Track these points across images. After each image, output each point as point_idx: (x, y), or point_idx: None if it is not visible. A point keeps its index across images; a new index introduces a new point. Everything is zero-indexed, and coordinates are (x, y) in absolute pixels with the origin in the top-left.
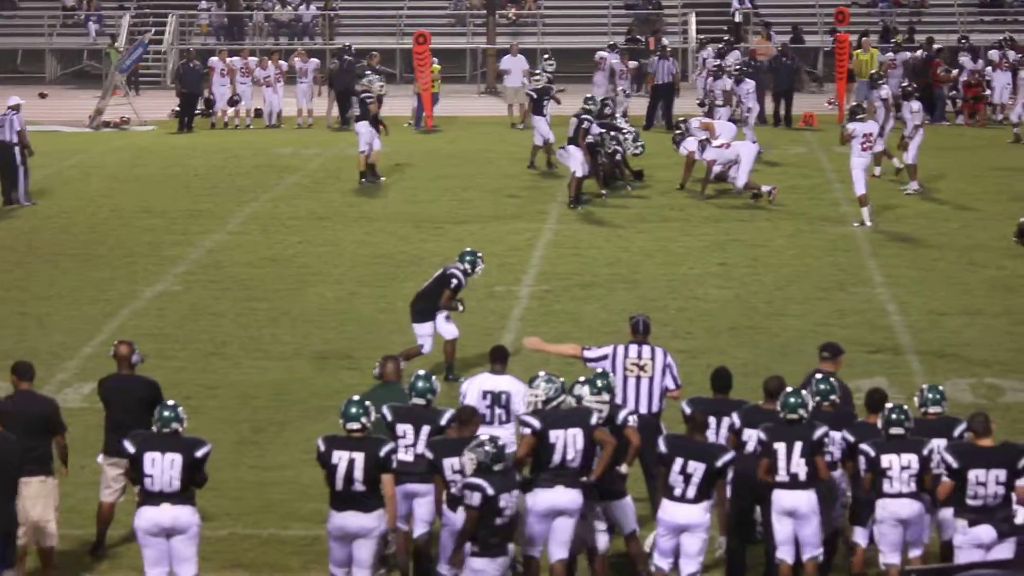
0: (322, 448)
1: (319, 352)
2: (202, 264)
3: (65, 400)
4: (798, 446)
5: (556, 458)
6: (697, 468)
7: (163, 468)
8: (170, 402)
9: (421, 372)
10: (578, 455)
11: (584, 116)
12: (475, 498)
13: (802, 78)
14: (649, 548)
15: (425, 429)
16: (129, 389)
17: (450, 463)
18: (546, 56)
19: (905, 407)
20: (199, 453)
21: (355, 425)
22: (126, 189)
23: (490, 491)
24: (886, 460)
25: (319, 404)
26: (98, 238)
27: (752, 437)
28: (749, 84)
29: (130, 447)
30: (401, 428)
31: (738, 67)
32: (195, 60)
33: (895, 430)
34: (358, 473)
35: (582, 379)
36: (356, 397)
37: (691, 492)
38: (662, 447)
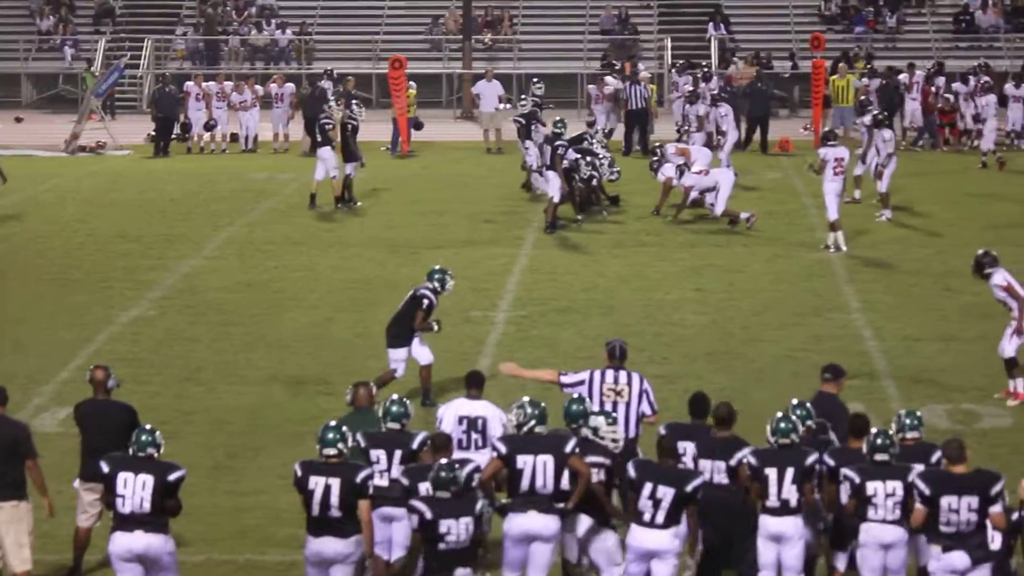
0: (299, 473)
1: (294, 377)
2: (177, 289)
3: (41, 425)
4: (790, 472)
5: (524, 484)
6: (667, 493)
7: (134, 489)
8: (147, 426)
9: (395, 397)
10: (548, 481)
11: (558, 142)
12: (414, 520)
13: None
14: None
15: (398, 453)
16: (105, 414)
17: (425, 487)
18: (535, 81)
19: (891, 433)
20: (172, 477)
21: (332, 451)
22: (101, 214)
23: (428, 515)
24: (871, 487)
25: (294, 429)
26: (73, 263)
27: (710, 468)
28: (725, 108)
29: (104, 467)
30: (375, 454)
31: (714, 91)
32: (171, 85)
33: (880, 456)
34: (334, 499)
35: (596, 409)
36: (333, 423)
37: (660, 517)
38: (631, 472)
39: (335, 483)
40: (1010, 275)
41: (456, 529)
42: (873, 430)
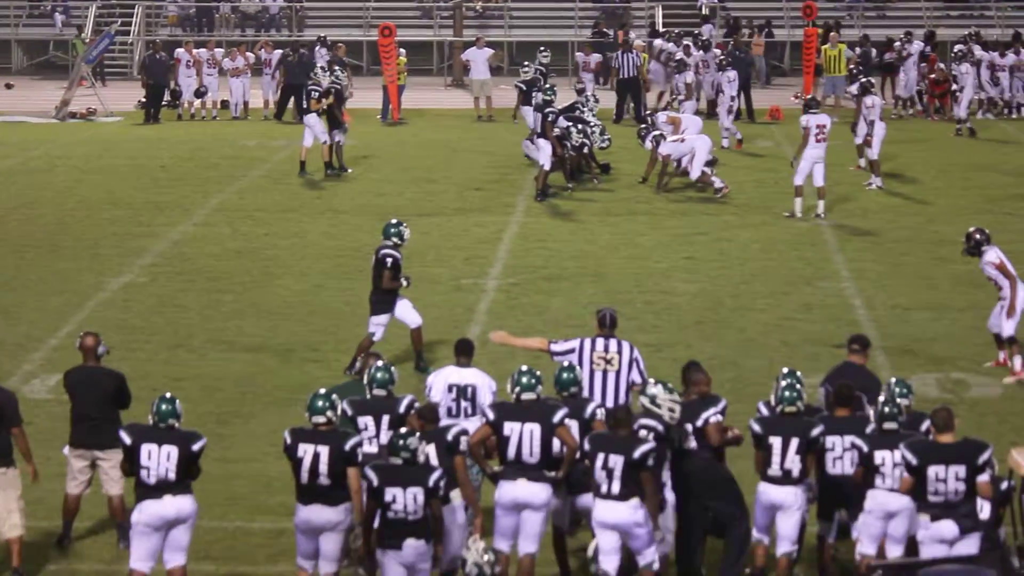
0: (288, 441)
1: (285, 344)
2: (168, 256)
3: (31, 391)
4: (794, 442)
5: (511, 451)
6: (617, 461)
7: (159, 460)
8: (168, 395)
9: (380, 363)
10: (535, 450)
11: (548, 109)
12: (364, 485)
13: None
14: (592, 553)
15: (385, 419)
16: (95, 381)
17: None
18: (541, 49)
19: (899, 401)
20: (195, 447)
21: (321, 419)
22: (92, 180)
23: (375, 482)
24: (879, 456)
25: (284, 397)
26: (64, 229)
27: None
28: (732, 73)
29: (126, 438)
30: (362, 421)
31: (722, 57)
32: (161, 51)
33: (889, 425)
34: (323, 467)
35: (653, 380)
36: (323, 391)
37: (616, 488)
38: (586, 445)
39: (324, 451)
40: (1002, 252)
41: (402, 498)
42: (881, 398)
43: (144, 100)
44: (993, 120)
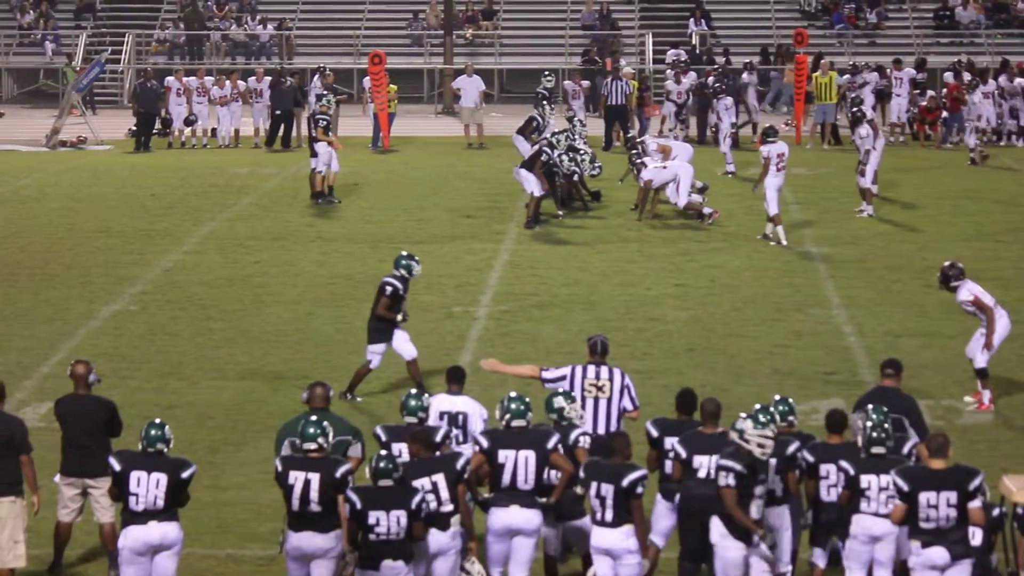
0: (279, 468)
1: (276, 372)
2: (159, 284)
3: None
4: (772, 463)
5: (506, 478)
6: (608, 489)
7: (148, 487)
8: (157, 420)
9: (412, 391)
10: (530, 477)
11: (545, 147)
12: (346, 509)
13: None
14: None
15: None
16: (86, 409)
17: (419, 484)
18: (546, 74)
19: (887, 426)
20: (185, 474)
21: (312, 445)
22: (82, 208)
23: (358, 505)
24: (865, 480)
25: (276, 424)
26: (54, 257)
27: (703, 464)
28: (728, 100)
29: (116, 464)
30: (396, 447)
31: (716, 84)
32: (152, 80)
33: (876, 449)
34: (313, 494)
35: (743, 414)
36: (314, 418)
37: (608, 515)
38: (581, 473)
39: (315, 478)
40: (976, 287)
41: (385, 521)
42: (869, 423)
43: (135, 128)
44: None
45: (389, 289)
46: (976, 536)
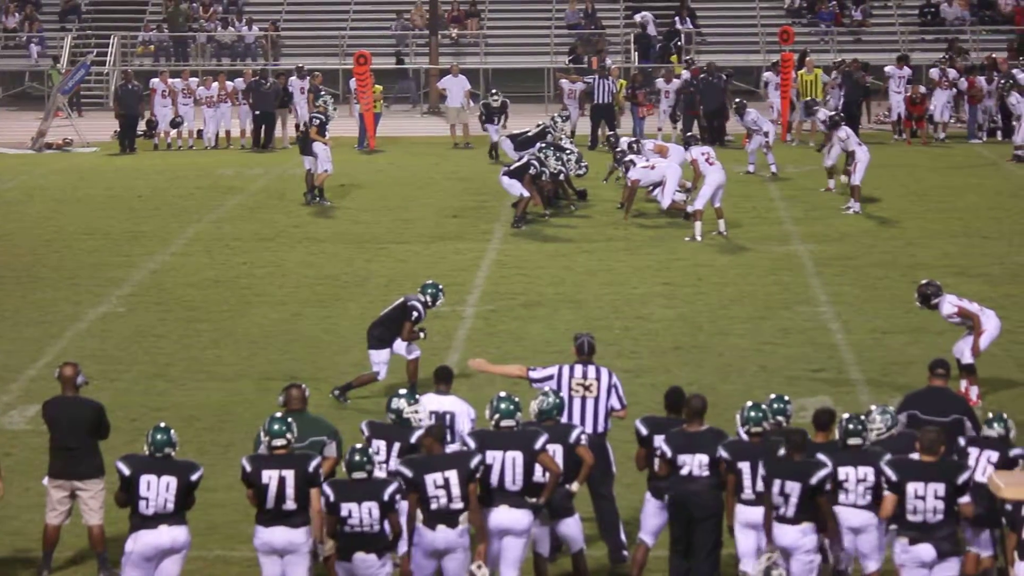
0: (248, 468)
1: (263, 373)
2: (145, 286)
3: (10, 422)
4: (761, 465)
5: (494, 479)
6: (793, 487)
7: (158, 491)
8: (162, 424)
9: (401, 391)
10: (518, 477)
11: (533, 162)
12: (322, 502)
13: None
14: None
15: (396, 446)
16: (74, 411)
17: (432, 479)
18: (492, 92)
19: (862, 417)
20: (194, 476)
21: (281, 441)
22: (69, 211)
23: (331, 498)
24: (843, 472)
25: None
26: (41, 259)
27: (686, 462)
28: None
29: (125, 469)
30: (376, 444)
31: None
32: (134, 81)
33: (853, 440)
34: (289, 490)
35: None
36: (278, 414)
37: (790, 511)
38: (761, 471)
39: (289, 475)
40: (956, 298)
41: (358, 512)
42: (844, 415)
43: (118, 131)
44: (966, 143)
45: (415, 315)
46: (969, 535)
